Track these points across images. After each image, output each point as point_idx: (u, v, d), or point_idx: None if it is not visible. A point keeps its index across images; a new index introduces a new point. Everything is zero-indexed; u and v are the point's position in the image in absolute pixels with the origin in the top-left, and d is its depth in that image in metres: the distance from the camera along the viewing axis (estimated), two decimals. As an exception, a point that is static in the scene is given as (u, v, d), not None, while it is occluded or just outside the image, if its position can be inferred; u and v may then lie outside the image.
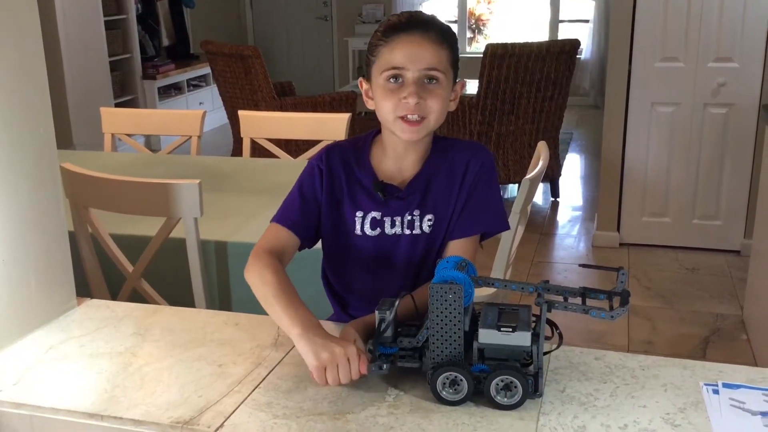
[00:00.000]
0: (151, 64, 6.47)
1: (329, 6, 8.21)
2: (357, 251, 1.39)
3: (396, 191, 1.37)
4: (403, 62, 1.29)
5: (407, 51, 1.29)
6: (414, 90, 1.28)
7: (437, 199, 1.37)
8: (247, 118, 2.94)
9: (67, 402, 1.16)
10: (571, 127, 6.71)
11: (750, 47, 3.59)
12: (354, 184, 1.39)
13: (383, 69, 1.31)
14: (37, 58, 1.37)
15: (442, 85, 1.31)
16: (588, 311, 1.09)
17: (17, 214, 1.34)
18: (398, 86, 1.30)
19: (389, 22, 1.34)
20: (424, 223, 1.37)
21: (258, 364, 1.25)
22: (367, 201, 1.38)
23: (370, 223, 1.38)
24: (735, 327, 3.14)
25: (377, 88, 1.33)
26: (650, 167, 3.88)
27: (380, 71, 1.31)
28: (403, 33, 1.30)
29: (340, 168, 1.40)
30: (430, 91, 1.30)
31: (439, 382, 1.11)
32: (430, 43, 1.29)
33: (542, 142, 2.28)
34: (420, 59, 1.29)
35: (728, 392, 1.13)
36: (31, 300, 1.38)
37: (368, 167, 1.39)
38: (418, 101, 1.28)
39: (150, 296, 1.93)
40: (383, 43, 1.31)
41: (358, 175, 1.39)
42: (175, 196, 1.82)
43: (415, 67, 1.29)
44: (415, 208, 1.37)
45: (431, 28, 1.30)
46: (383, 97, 1.31)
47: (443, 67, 1.31)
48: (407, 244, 1.37)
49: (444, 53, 1.31)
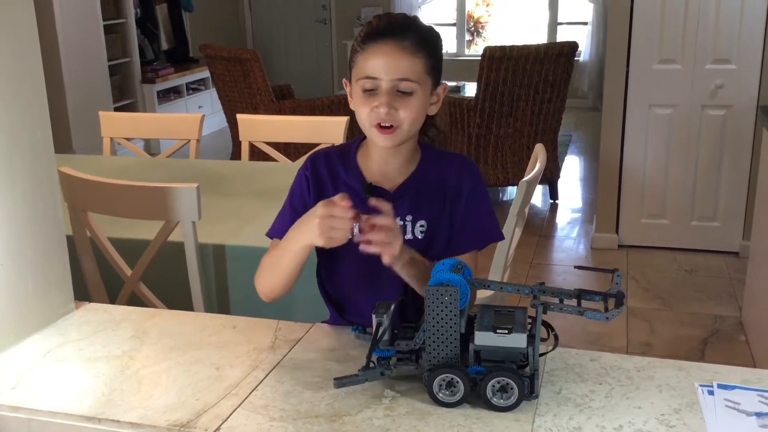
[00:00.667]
0: (150, 68, 6.48)
1: (328, 9, 8.23)
2: (348, 257, 1.39)
3: (385, 194, 1.37)
4: (376, 72, 1.28)
5: (380, 61, 1.28)
6: (386, 100, 1.28)
7: (430, 207, 1.37)
8: (246, 121, 2.95)
9: (65, 405, 1.16)
10: (570, 129, 6.72)
11: (747, 49, 3.60)
12: (342, 188, 1.39)
13: (359, 76, 1.31)
14: (34, 61, 1.37)
15: (416, 94, 1.30)
16: (583, 313, 1.09)
17: (14, 218, 1.35)
18: (372, 95, 1.30)
19: (368, 26, 1.33)
20: (416, 229, 1.37)
21: (255, 367, 1.25)
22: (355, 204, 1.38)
23: (359, 226, 1.38)
24: (733, 328, 3.15)
25: (355, 94, 1.34)
26: (648, 169, 3.88)
27: (356, 78, 1.32)
28: (378, 41, 1.29)
29: (326, 174, 1.41)
30: (402, 101, 1.29)
31: (435, 383, 1.11)
32: (403, 52, 1.28)
33: (540, 144, 2.28)
34: (392, 69, 1.28)
35: (723, 393, 1.14)
36: (28, 303, 1.39)
37: (356, 170, 1.39)
38: (389, 110, 1.28)
39: (148, 300, 1.93)
40: (360, 50, 1.31)
41: (346, 179, 1.39)
42: (174, 200, 1.83)
43: (387, 77, 1.28)
44: (407, 213, 1.36)
45: (407, 36, 1.29)
46: (359, 103, 1.32)
47: (417, 76, 1.30)
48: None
49: (419, 62, 1.30)
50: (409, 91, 1.29)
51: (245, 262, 1.99)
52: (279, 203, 1.47)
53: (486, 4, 8.53)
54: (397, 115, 1.29)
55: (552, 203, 4.89)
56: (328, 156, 1.43)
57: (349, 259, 1.39)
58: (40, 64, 1.38)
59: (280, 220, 1.43)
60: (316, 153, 1.45)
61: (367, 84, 1.30)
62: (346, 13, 8.14)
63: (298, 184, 1.43)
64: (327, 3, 8.21)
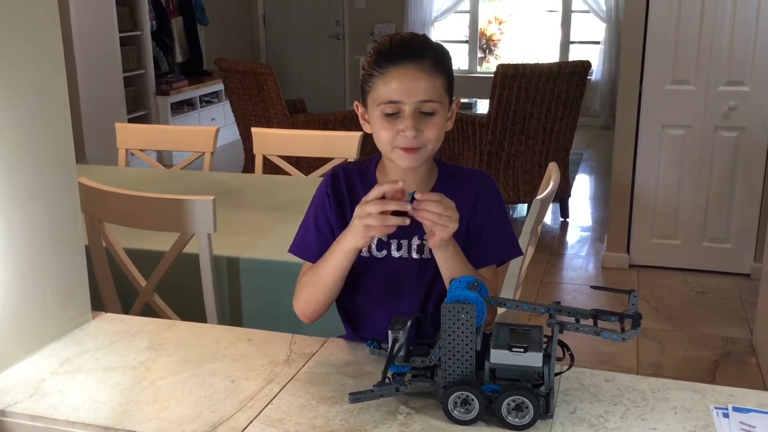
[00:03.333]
0: (164, 80, 6.54)
1: (341, 25, 8.29)
2: (365, 274, 1.40)
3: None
4: (399, 96, 1.28)
5: (402, 84, 1.27)
6: (411, 123, 1.28)
7: None
8: (260, 135, 2.97)
9: (82, 415, 1.17)
10: (581, 148, 6.73)
11: (761, 71, 3.60)
12: None
13: (379, 101, 1.30)
14: (59, 74, 1.40)
15: (438, 113, 1.31)
16: (599, 333, 1.09)
17: (35, 228, 1.36)
18: (395, 118, 1.29)
19: (381, 49, 1.31)
20: None
21: (270, 380, 1.26)
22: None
23: (376, 244, 1.38)
24: (744, 351, 3.13)
25: (374, 118, 1.33)
26: (660, 189, 3.88)
27: (376, 103, 1.31)
28: (397, 64, 1.28)
29: (345, 190, 1.41)
30: (426, 122, 1.29)
31: (450, 401, 1.12)
32: (424, 73, 1.28)
33: (553, 163, 2.29)
34: (415, 92, 1.28)
35: (738, 416, 1.14)
36: (47, 313, 1.40)
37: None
38: (416, 133, 1.28)
39: (162, 311, 1.94)
40: (377, 73, 1.29)
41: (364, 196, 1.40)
42: (190, 212, 1.84)
43: (411, 100, 1.28)
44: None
45: (425, 57, 1.28)
46: (380, 127, 1.31)
47: (438, 96, 1.30)
48: (415, 268, 1.38)
49: (439, 81, 1.30)
50: (432, 112, 1.30)
51: (259, 275, 2.00)
52: (292, 217, 1.48)
53: (498, 22, 8.57)
54: (423, 136, 1.30)
55: (563, 221, 4.89)
56: (348, 173, 1.43)
57: (369, 273, 1.39)
58: (64, 77, 1.41)
59: (303, 237, 1.44)
60: (335, 170, 1.45)
61: (389, 108, 1.29)
62: (359, 28, 8.20)
63: (320, 201, 1.43)
64: (340, 18, 8.27)
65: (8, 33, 1.28)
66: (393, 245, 1.38)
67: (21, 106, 1.31)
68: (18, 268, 1.33)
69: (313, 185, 1.50)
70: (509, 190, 4.51)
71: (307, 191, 2.59)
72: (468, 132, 4.39)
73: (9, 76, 1.29)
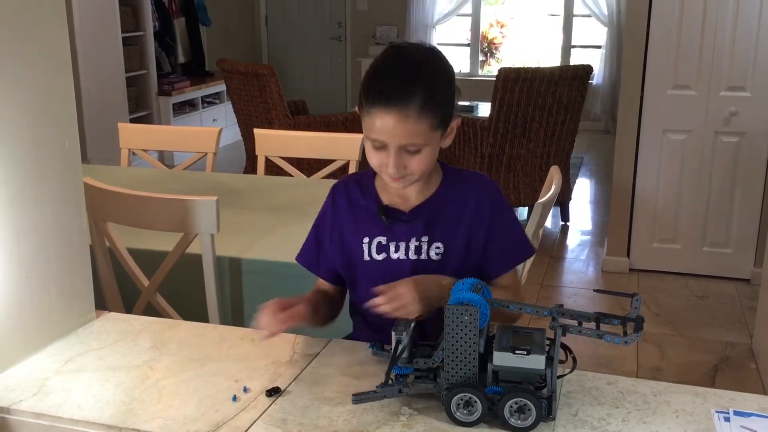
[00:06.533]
0: (166, 81, 6.55)
1: (343, 27, 8.30)
2: (366, 277, 1.41)
3: (400, 215, 1.39)
4: (382, 137, 1.27)
5: (386, 127, 1.26)
6: (393, 161, 1.28)
7: (448, 230, 1.38)
8: (263, 136, 2.97)
9: (86, 413, 1.18)
10: (582, 152, 6.73)
11: (762, 77, 3.61)
12: (360, 212, 1.42)
13: (366, 133, 1.31)
14: (65, 74, 1.40)
15: (425, 150, 1.30)
16: (602, 336, 1.10)
17: (41, 226, 1.37)
18: (381, 149, 1.30)
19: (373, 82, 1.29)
20: (431, 251, 1.38)
21: (274, 381, 1.26)
22: (372, 226, 1.40)
23: (376, 247, 1.40)
24: (744, 355, 3.14)
25: (365, 139, 1.33)
26: (661, 194, 3.89)
27: (365, 132, 1.31)
28: (383, 106, 1.26)
29: (345, 200, 1.45)
30: (411, 157, 1.30)
31: (453, 402, 1.12)
32: (408, 119, 1.25)
33: (555, 166, 2.29)
34: (398, 135, 1.26)
35: (739, 420, 1.14)
36: (51, 311, 1.41)
37: (373, 194, 1.42)
38: (398, 168, 1.29)
39: (164, 310, 1.95)
40: (365, 107, 1.29)
41: (363, 203, 1.43)
42: (193, 212, 1.85)
43: (394, 142, 1.27)
44: (422, 234, 1.37)
45: (412, 100, 1.25)
46: (369, 152, 1.33)
47: (424, 138, 1.28)
48: (409, 269, 1.38)
49: (425, 125, 1.27)
50: (416, 150, 1.29)
51: (261, 276, 2.01)
52: (294, 218, 1.50)
53: (500, 26, 8.59)
54: (407, 170, 1.31)
55: (563, 225, 4.90)
56: (347, 185, 1.47)
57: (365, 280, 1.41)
58: (71, 77, 1.41)
59: (306, 248, 1.51)
60: (335, 184, 1.50)
61: (375, 143, 1.30)
62: (361, 30, 8.21)
63: (322, 215, 1.49)
64: (342, 20, 8.28)
65: (16, 33, 1.29)
66: (392, 247, 1.39)
67: (28, 106, 1.32)
68: (23, 267, 1.34)
69: (316, 186, 1.52)
70: (510, 194, 4.51)
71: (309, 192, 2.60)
72: (469, 135, 4.40)
73: (17, 76, 1.29)
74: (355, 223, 1.42)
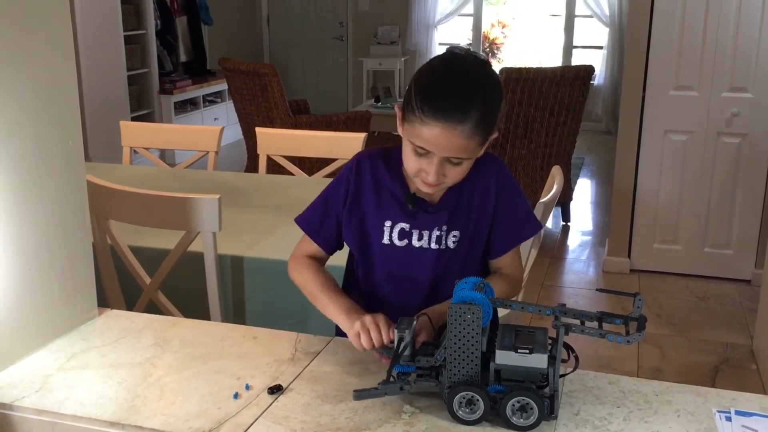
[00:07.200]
0: (168, 79, 6.55)
1: (345, 26, 8.30)
2: (382, 260, 1.41)
3: (426, 206, 1.38)
4: (429, 146, 1.26)
5: (436, 139, 1.24)
6: (435, 170, 1.28)
7: (465, 217, 1.39)
8: (265, 135, 2.97)
9: (89, 410, 1.18)
10: (583, 152, 6.73)
11: (764, 78, 3.61)
12: (384, 193, 1.40)
13: (411, 137, 1.29)
14: (69, 73, 1.41)
15: (466, 162, 1.30)
16: (605, 335, 1.10)
17: (44, 224, 1.37)
18: (422, 156, 1.29)
19: (431, 90, 1.26)
20: (449, 239, 1.38)
21: (276, 378, 1.27)
22: (396, 211, 1.39)
23: (398, 233, 1.39)
24: (745, 356, 3.14)
25: (405, 143, 1.32)
26: (662, 194, 3.89)
27: (408, 136, 1.29)
28: (438, 119, 1.23)
29: (370, 176, 1.41)
30: (451, 168, 1.30)
31: (455, 401, 1.12)
32: (461, 136, 1.24)
33: (556, 166, 2.30)
34: (447, 149, 1.26)
35: (741, 420, 1.14)
36: (54, 308, 1.41)
37: (401, 178, 1.40)
38: (438, 177, 1.29)
39: (166, 308, 1.95)
40: (417, 115, 1.25)
41: (390, 185, 1.40)
42: (196, 211, 1.85)
43: (441, 153, 1.27)
44: (443, 224, 1.38)
45: (468, 118, 1.23)
46: (408, 156, 1.32)
47: (469, 153, 1.28)
48: (433, 258, 1.39)
49: (475, 141, 1.26)
50: (458, 163, 1.29)
51: (262, 274, 2.01)
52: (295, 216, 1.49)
53: (502, 26, 8.59)
54: (444, 179, 1.31)
55: (564, 225, 4.90)
56: (373, 158, 1.43)
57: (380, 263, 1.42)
58: (74, 76, 1.42)
59: (311, 212, 1.46)
60: (361, 154, 1.45)
61: (419, 149, 1.28)
62: (362, 30, 8.22)
63: (338, 183, 1.43)
64: (344, 20, 8.28)
65: (19, 31, 1.29)
66: (414, 235, 1.39)
67: (31, 104, 1.32)
68: (26, 264, 1.34)
69: (317, 185, 1.51)
70: (511, 194, 4.51)
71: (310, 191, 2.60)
72: (471, 135, 4.40)
73: (20, 74, 1.30)
74: (379, 203, 1.40)
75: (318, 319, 1.73)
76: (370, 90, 7.95)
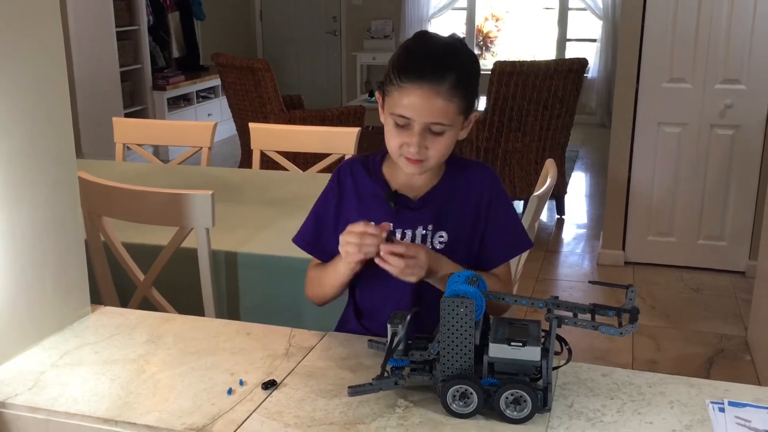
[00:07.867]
0: (161, 75, 6.53)
1: (338, 21, 8.28)
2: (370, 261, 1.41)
3: (408, 202, 1.39)
4: (410, 114, 1.28)
5: (415, 104, 1.26)
6: (417, 140, 1.29)
7: (452, 219, 1.39)
8: (258, 130, 2.97)
9: (82, 407, 1.18)
10: (577, 145, 6.74)
11: (757, 70, 3.61)
12: (366, 196, 1.41)
13: (391, 110, 1.31)
14: (60, 70, 1.40)
15: (448, 133, 1.31)
16: (597, 327, 1.10)
17: (36, 221, 1.37)
18: (405, 129, 1.30)
19: (406, 57, 1.30)
20: (435, 240, 1.38)
21: (270, 374, 1.26)
22: (378, 211, 1.40)
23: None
24: (739, 348, 3.15)
25: (386, 122, 1.34)
26: (656, 187, 3.89)
27: (389, 110, 1.32)
28: (414, 82, 1.26)
29: (351, 183, 1.43)
30: (433, 140, 1.30)
31: (449, 394, 1.13)
32: (439, 97, 1.26)
33: (550, 159, 2.30)
34: (427, 113, 1.27)
35: (734, 410, 1.15)
36: (46, 305, 1.40)
37: (381, 179, 1.41)
38: (420, 149, 1.30)
39: (160, 305, 1.95)
40: (395, 84, 1.28)
41: (371, 186, 1.42)
42: (189, 207, 1.85)
43: (420, 120, 1.28)
44: (428, 223, 1.38)
45: (445, 78, 1.26)
46: (390, 134, 1.33)
47: (450, 119, 1.29)
48: None
49: (454, 105, 1.28)
50: (440, 132, 1.30)
51: (256, 270, 2.01)
52: (290, 212, 1.50)
53: (495, 19, 8.58)
54: (427, 152, 1.31)
55: (558, 218, 4.90)
56: (353, 167, 1.45)
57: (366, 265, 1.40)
58: (65, 73, 1.41)
59: (304, 230, 1.48)
60: (341, 165, 1.48)
61: (399, 120, 1.30)
62: (356, 25, 8.20)
63: (324, 198, 1.47)
64: (337, 15, 8.27)
65: (10, 29, 1.28)
66: (398, 234, 1.39)
67: (22, 102, 1.32)
68: (18, 261, 1.33)
69: (311, 180, 1.51)
70: (506, 187, 4.49)
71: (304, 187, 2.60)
72: (465, 129, 4.40)
73: (11, 71, 1.29)
74: (361, 206, 1.41)
75: (312, 314, 1.73)
76: (363, 84, 7.94)
